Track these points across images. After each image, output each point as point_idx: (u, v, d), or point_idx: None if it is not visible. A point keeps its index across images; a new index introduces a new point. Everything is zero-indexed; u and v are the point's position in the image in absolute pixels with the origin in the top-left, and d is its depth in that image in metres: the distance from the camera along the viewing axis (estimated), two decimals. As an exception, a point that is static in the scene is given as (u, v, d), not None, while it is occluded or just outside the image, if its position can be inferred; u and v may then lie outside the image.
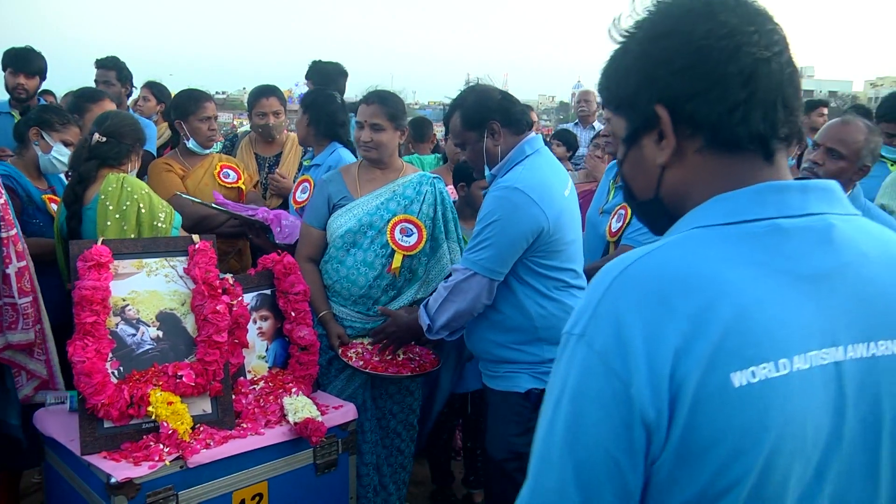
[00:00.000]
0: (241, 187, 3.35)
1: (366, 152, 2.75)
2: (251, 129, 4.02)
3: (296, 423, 2.23)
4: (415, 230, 2.71)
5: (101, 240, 2.18)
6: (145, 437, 2.05)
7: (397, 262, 2.68)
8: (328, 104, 3.24)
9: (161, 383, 2.11)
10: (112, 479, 1.88)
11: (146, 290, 2.21)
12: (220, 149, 3.83)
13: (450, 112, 2.42)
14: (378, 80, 2.92)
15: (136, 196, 2.49)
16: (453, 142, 2.46)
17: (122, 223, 2.45)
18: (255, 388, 2.38)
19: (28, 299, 2.46)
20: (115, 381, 2.06)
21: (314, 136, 3.24)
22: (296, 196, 3.16)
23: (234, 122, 19.14)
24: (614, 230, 3.05)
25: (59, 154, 2.87)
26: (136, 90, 5.13)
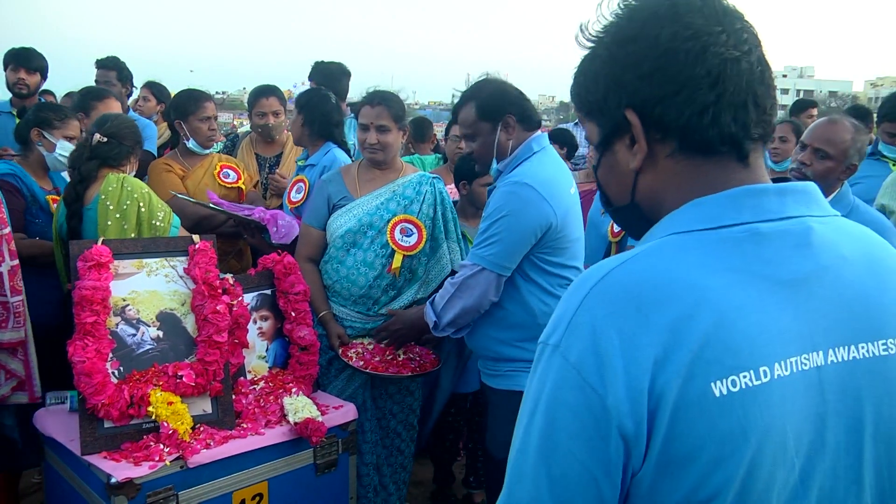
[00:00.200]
0: (242, 187, 3.35)
1: (372, 154, 2.74)
2: (251, 129, 4.02)
3: (296, 423, 2.23)
4: (415, 230, 2.71)
5: (101, 240, 2.18)
6: (145, 437, 2.05)
7: (397, 262, 2.68)
8: (323, 104, 3.23)
9: (161, 383, 2.11)
10: (112, 479, 1.88)
11: (146, 290, 2.21)
12: (220, 149, 3.83)
13: (462, 102, 2.37)
14: (378, 80, 2.93)
15: (137, 195, 2.49)
16: (461, 132, 2.41)
17: (123, 223, 2.45)
18: (255, 388, 2.38)
19: (20, 298, 2.46)
20: (115, 381, 2.07)
21: (308, 137, 3.24)
22: (290, 196, 3.15)
23: (234, 122, 19.14)
24: (616, 231, 3.05)
25: (63, 150, 2.87)
26: (136, 90, 5.13)
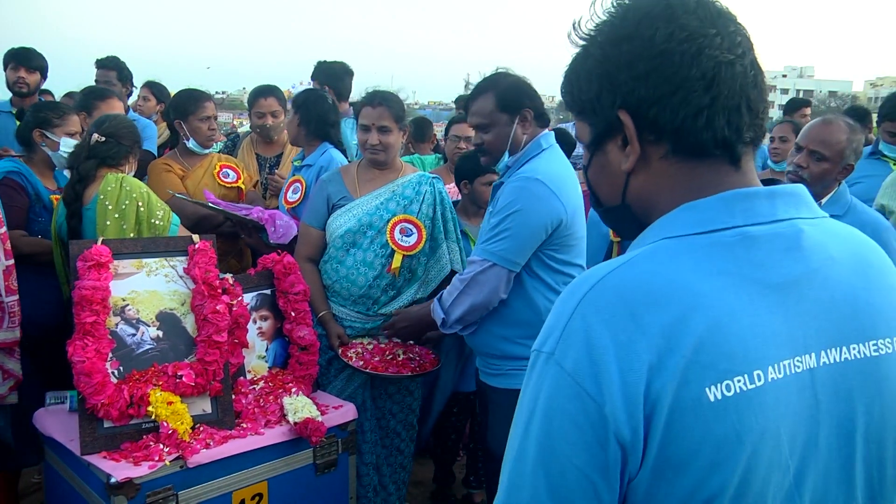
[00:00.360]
0: (241, 187, 3.35)
1: (373, 155, 2.74)
2: (251, 129, 4.02)
3: (296, 423, 2.23)
4: (414, 230, 2.71)
5: (100, 240, 2.18)
6: (145, 436, 2.05)
7: (397, 262, 2.68)
8: (319, 104, 3.23)
9: (161, 383, 2.11)
10: (112, 479, 1.88)
11: (146, 290, 2.21)
12: (220, 148, 3.83)
13: (479, 92, 2.34)
14: (378, 80, 2.93)
15: (135, 195, 2.49)
16: (474, 122, 2.36)
17: (122, 222, 2.45)
18: (254, 388, 2.38)
19: (14, 297, 2.46)
20: (114, 380, 2.07)
21: (305, 137, 3.24)
22: (287, 196, 3.16)
23: (234, 122, 19.12)
24: None
25: (67, 147, 2.87)
26: (137, 90, 5.13)
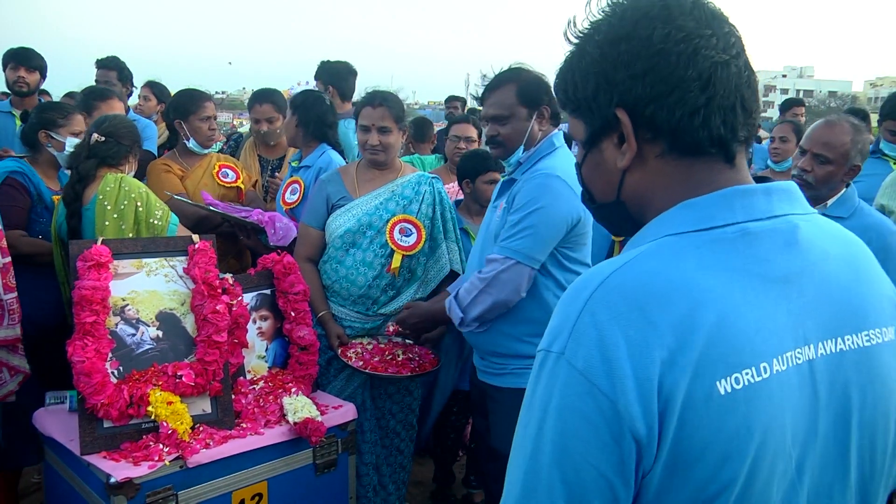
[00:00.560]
0: (241, 187, 3.34)
1: (373, 155, 2.73)
2: (251, 133, 4.01)
3: (295, 423, 2.23)
4: (414, 230, 2.71)
5: (100, 240, 2.18)
6: (145, 436, 2.05)
7: (396, 261, 2.68)
8: (317, 105, 3.22)
9: (161, 383, 2.11)
10: (112, 479, 1.88)
11: (146, 290, 2.21)
12: (219, 148, 3.82)
13: (498, 83, 2.30)
14: (378, 80, 2.92)
15: (134, 195, 2.49)
16: (491, 113, 2.30)
17: (120, 223, 2.45)
18: (254, 388, 2.38)
19: (13, 295, 2.47)
20: (114, 380, 2.07)
21: (303, 138, 3.23)
22: (285, 197, 3.15)
23: (234, 122, 19.13)
24: None
25: (73, 147, 2.87)
26: (137, 90, 5.14)
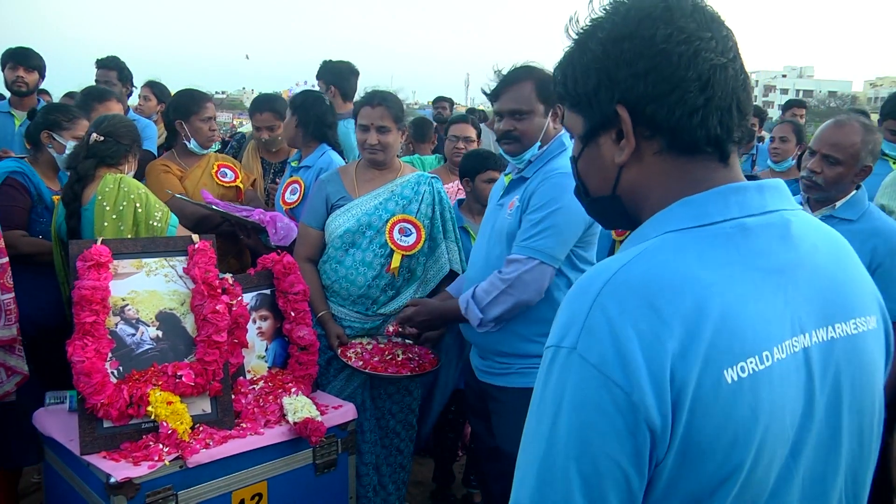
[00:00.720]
0: (240, 186, 3.34)
1: (372, 155, 2.74)
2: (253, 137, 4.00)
3: (295, 423, 2.23)
4: (413, 230, 2.71)
5: (100, 239, 2.18)
6: (145, 436, 2.05)
7: (396, 261, 2.68)
8: (317, 106, 3.22)
9: (160, 383, 2.11)
10: (111, 479, 1.88)
11: (146, 290, 2.21)
12: (217, 148, 3.81)
13: (515, 78, 2.27)
14: (378, 80, 2.92)
15: (133, 196, 2.49)
16: (508, 107, 2.27)
17: (119, 224, 2.44)
18: (254, 388, 2.38)
19: (10, 295, 2.47)
20: (114, 380, 2.07)
21: (302, 138, 3.23)
22: (285, 198, 3.15)
23: (234, 122, 19.10)
24: (621, 230, 3.05)
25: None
26: (137, 90, 5.13)
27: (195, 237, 2.31)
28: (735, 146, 0.89)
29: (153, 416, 2.04)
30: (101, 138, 2.61)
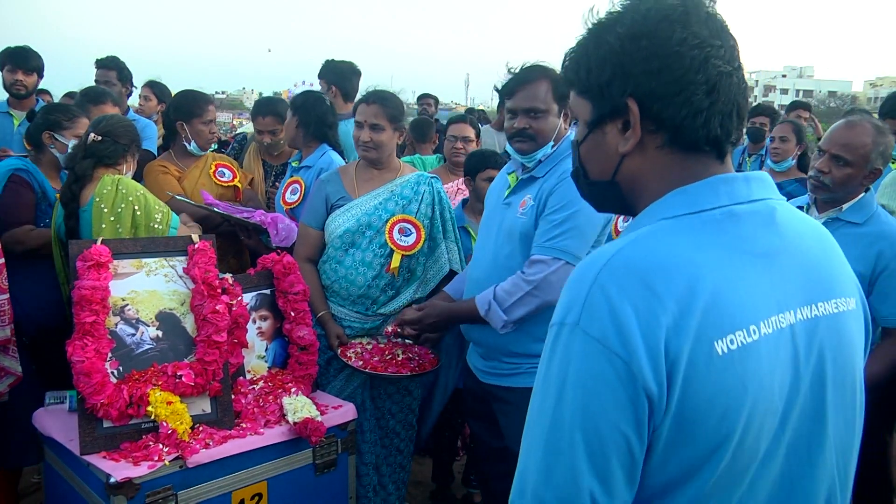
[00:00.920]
0: (238, 185, 3.34)
1: (364, 152, 2.75)
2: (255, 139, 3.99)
3: (295, 423, 2.23)
4: (413, 230, 2.72)
5: (100, 239, 2.18)
6: (145, 436, 2.05)
7: (396, 261, 2.68)
8: (318, 106, 3.23)
9: (160, 383, 2.11)
10: (111, 479, 1.88)
11: (146, 290, 2.21)
12: (214, 148, 3.80)
13: (531, 76, 2.27)
14: (378, 80, 2.92)
15: (131, 198, 2.47)
16: (525, 105, 2.27)
17: (117, 226, 2.43)
18: (254, 388, 2.38)
19: (5, 296, 2.47)
20: (114, 380, 2.07)
21: (303, 138, 3.23)
22: (285, 197, 3.15)
23: (234, 122, 19.08)
24: (620, 229, 3.05)
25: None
26: (137, 90, 5.13)
27: (195, 237, 2.31)
28: (731, 146, 0.95)
29: (153, 416, 2.04)
30: (99, 138, 2.60)
